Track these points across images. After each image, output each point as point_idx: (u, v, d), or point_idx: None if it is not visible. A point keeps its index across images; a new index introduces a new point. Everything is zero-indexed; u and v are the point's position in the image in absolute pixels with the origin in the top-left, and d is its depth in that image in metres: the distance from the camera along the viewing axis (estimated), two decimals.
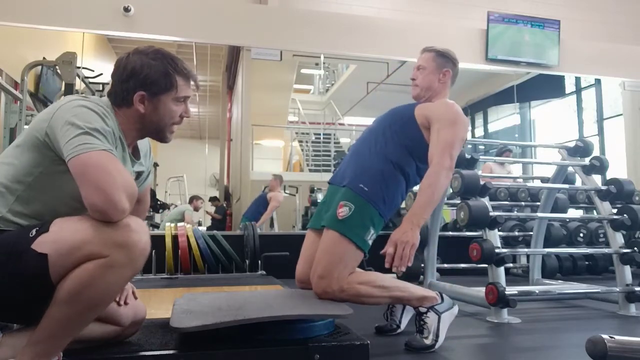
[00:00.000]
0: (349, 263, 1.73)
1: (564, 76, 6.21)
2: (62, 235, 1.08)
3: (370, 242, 1.77)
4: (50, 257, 1.06)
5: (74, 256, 1.06)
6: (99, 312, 1.17)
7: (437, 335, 1.71)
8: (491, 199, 3.02)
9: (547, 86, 6.43)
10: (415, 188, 1.92)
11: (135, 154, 1.39)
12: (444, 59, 1.98)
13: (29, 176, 1.17)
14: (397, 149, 1.86)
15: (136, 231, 1.09)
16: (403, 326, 1.95)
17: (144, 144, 1.45)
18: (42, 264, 1.06)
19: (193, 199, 7.13)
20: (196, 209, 7.09)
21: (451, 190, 2.72)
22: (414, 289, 1.80)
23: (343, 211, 1.75)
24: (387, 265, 1.66)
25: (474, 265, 2.82)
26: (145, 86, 1.26)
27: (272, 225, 5.80)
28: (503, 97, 6.62)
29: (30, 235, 1.09)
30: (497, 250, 2.41)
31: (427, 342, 1.70)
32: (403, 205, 3.19)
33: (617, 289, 2.57)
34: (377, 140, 1.91)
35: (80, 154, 1.08)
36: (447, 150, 1.76)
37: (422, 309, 1.75)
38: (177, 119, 1.33)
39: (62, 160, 1.12)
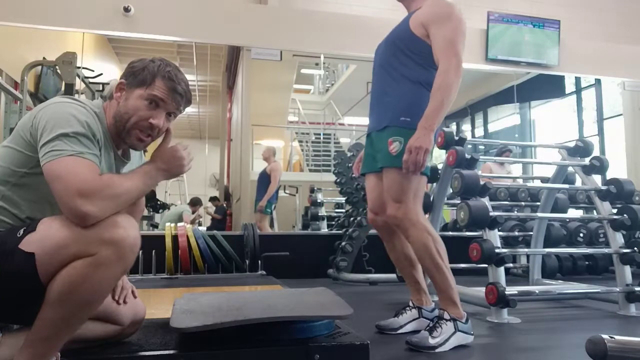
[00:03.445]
0: (418, 191, 1.82)
1: (564, 76, 6.20)
2: (49, 234, 1.07)
3: (429, 164, 1.80)
4: (38, 256, 1.05)
5: (62, 255, 1.05)
6: (92, 311, 1.15)
7: (444, 342, 1.71)
8: (491, 199, 3.02)
9: (547, 86, 6.43)
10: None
11: (126, 155, 1.38)
12: None
13: (12, 176, 1.17)
14: (416, 69, 1.85)
15: (123, 227, 1.08)
16: (404, 330, 1.95)
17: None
18: (30, 263, 1.05)
19: (194, 202, 7.12)
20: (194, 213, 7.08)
21: (451, 190, 2.72)
22: (456, 291, 1.82)
23: (395, 146, 1.79)
24: (404, 170, 1.72)
25: (474, 265, 2.81)
26: (127, 76, 1.28)
27: (272, 225, 5.81)
28: (503, 97, 6.61)
29: (18, 235, 1.08)
30: (497, 250, 2.41)
31: (432, 342, 1.70)
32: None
33: (617, 289, 2.57)
34: (394, 69, 1.89)
35: (49, 161, 1.09)
36: (450, 48, 1.74)
37: (446, 316, 1.76)
38: (142, 121, 1.25)
39: None
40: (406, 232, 1.82)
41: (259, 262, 3.88)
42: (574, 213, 4.31)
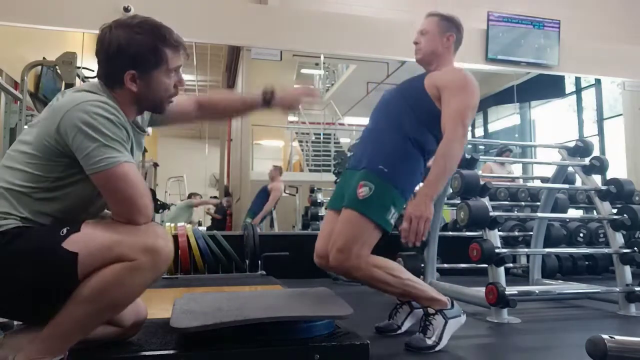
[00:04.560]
0: (367, 241, 1.74)
1: (564, 76, 6.20)
2: (94, 236, 1.11)
3: (392, 221, 1.76)
4: (81, 255, 1.09)
5: (104, 257, 1.09)
6: (116, 313, 1.22)
7: (440, 338, 1.71)
8: (491, 199, 3.02)
9: (547, 86, 6.43)
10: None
11: (138, 124, 1.34)
12: (448, 24, 1.96)
13: (43, 182, 1.16)
14: (414, 124, 1.83)
15: (163, 238, 1.16)
16: (404, 329, 1.95)
17: None
18: (72, 262, 1.08)
19: (191, 196, 7.15)
20: (196, 206, 7.11)
21: (451, 190, 2.72)
22: (427, 288, 1.80)
23: (363, 191, 1.75)
24: (403, 240, 1.67)
25: (474, 265, 2.81)
26: (135, 64, 1.21)
27: (272, 225, 5.81)
28: (503, 97, 6.62)
29: (61, 234, 1.11)
30: (497, 250, 2.41)
31: (429, 342, 1.69)
32: None
33: (617, 289, 2.57)
34: (390, 118, 1.88)
35: (105, 169, 1.11)
36: (459, 119, 1.73)
37: (431, 311, 1.75)
38: (172, 90, 1.30)
39: (76, 163, 1.13)
40: (354, 277, 1.77)
41: (259, 262, 3.88)
42: (574, 213, 4.31)
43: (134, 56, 1.20)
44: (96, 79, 1.27)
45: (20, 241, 1.10)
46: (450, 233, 3.87)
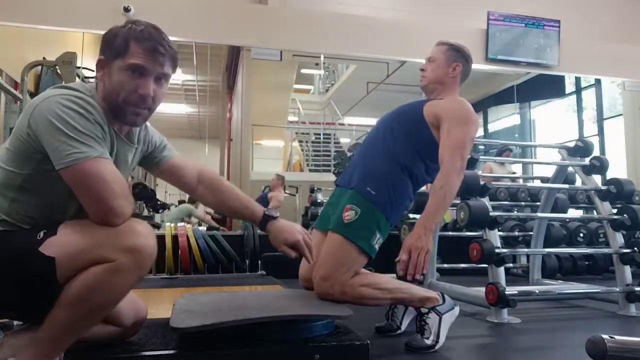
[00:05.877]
0: (352, 267, 1.71)
1: (564, 76, 6.21)
2: (70, 239, 1.08)
3: (376, 246, 1.75)
4: (58, 259, 1.05)
5: (83, 259, 1.06)
6: (104, 315, 1.17)
7: (437, 336, 1.71)
8: (491, 199, 3.02)
9: (547, 86, 6.44)
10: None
11: (130, 136, 1.30)
12: (456, 54, 1.95)
13: (18, 178, 1.14)
14: (406, 150, 1.82)
15: (144, 235, 1.10)
16: (404, 327, 1.95)
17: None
18: (49, 267, 1.05)
19: (193, 200, 7.15)
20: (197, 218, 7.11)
21: None
22: (415, 290, 1.79)
23: (349, 215, 1.73)
24: (401, 273, 1.64)
25: (474, 265, 2.82)
26: (103, 51, 1.18)
27: None
28: (503, 97, 6.63)
29: (38, 238, 1.08)
30: (497, 250, 2.41)
31: (428, 342, 1.69)
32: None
33: (617, 289, 2.57)
34: (385, 140, 1.87)
35: (73, 164, 1.06)
36: (458, 151, 1.72)
37: (424, 310, 1.75)
38: (131, 94, 1.16)
39: (48, 160, 1.09)
40: (341, 301, 1.70)
41: (259, 262, 3.88)
42: (574, 213, 4.31)
43: (105, 42, 1.18)
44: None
45: None
46: (450, 233, 3.87)
